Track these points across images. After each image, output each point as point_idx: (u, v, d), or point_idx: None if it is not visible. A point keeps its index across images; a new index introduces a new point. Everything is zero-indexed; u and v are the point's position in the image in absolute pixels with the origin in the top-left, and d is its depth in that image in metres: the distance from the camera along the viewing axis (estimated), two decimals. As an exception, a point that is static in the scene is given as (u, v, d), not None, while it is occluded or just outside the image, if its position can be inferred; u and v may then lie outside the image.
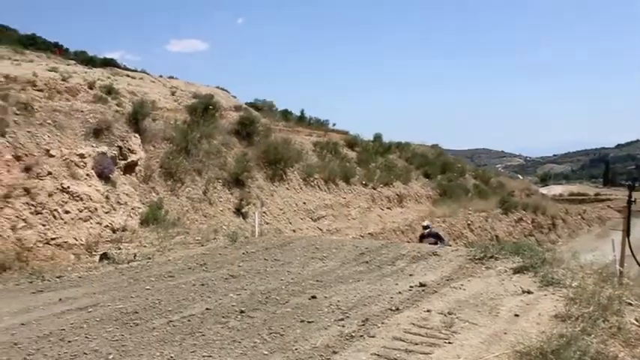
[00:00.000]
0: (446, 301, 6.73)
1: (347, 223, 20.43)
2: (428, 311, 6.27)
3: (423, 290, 7.29)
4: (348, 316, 6.19)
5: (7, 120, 12.80)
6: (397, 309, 6.39)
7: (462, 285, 7.51)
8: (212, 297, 7.22)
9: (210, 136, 17.59)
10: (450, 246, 13.60)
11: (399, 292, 7.22)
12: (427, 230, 14.81)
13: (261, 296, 7.18)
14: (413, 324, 5.80)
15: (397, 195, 26.25)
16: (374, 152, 29.04)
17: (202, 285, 7.91)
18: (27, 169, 12.24)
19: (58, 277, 9.88)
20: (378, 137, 31.88)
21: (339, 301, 6.87)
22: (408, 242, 17.58)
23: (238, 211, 15.80)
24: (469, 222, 26.63)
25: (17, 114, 13.37)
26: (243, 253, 10.43)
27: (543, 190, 61.31)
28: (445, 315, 6.07)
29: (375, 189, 24.79)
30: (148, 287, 7.98)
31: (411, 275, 8.31)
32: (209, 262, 9.70)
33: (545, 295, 6.78)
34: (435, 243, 13.84)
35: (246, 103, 34.38)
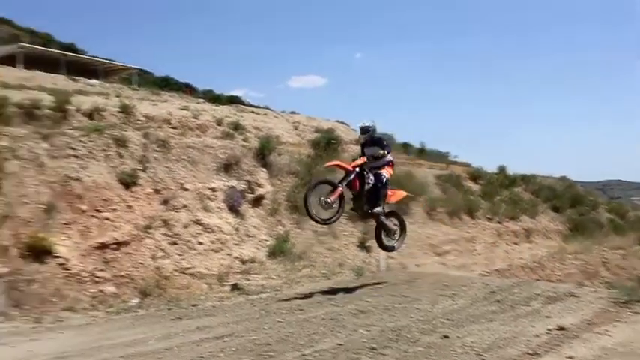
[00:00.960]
0: (590, 347, 6.28)
1: (472, 259, 19.80)
2: (570, 358, 5.89)
3: (562, 334, 6.85)
4: (483, 359, 5.95)
5: (148, 156, 13.78)
6: (536, 353, 6.05)
7: (606, 330, 6.97)
8: (342, 332, 7.21)
9: (333, 170, 17.80)
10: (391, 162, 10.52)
11: (536, 335, 6.83)
12: (367, 135, 10.52)
13: (391, 333, 7.07)
14: (556, 371, 5.46)
15: (524, 230, 25.13)
16: (498, 185, 28.12)
17: (332, 319, 7.92)
18: (165, 202, 13.07)
19: (193, 306, 10.39)
20: (502, 170, 30.89)
21: (472, 341, 6.61)
22: (538, 279, 16.71)
23: (362, 245, 15.81)
24: (604, 259, 24.89)
25: (156, 150, 14.35)
26: (370, 288, 10.39)
27: (689, 226, 56.08)
28: (591, 363, 5.66)
29: (500, 223, 23.92)
30: (279, 319, 8.12)
31: (547, 317, 7.84)
32: (337, 296, 9.74)
33: None
34: (380, 156, 10.42)
35: (366, 136, 34.56)
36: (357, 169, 10.02)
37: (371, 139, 10.51)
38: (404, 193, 11.57)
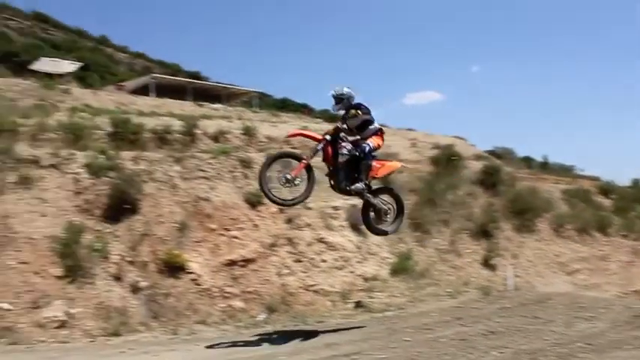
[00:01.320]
0: None
1: (606, 279, 18.55)
2: None
3: None
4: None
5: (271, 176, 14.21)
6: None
7: None
8: (473, 353, 7.01)
9: (455, 187, 17.51)
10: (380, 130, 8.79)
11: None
12: (342, 104, 8.67)
13: (526, 357, 6.79)
14: None
15: (665, 248, 23.22)
16: (633, 200, 26.25)
17: (461, 340, 7.74)
18: (289, 221, 13.40)
19: (318, 322, 10.54)
20: (636, 183, 28.84)
21: (617, 369, 6.21)
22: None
23: (486, 263, 15.35)
24: None
25: (279, 171, 14.74)
26: (499, 308, 10.06)
27: None
28: None
29: (637, 240, 22.27)
30: (406, 338, 8.06)
31: None
32: (464, 316, 9.51)
33: None
34: (365, 124, 8.71)
35: (484, 151, 33.69)
36: (328, 137, 8.45)
37: (349, 108, 8.70)
38: (397, 165, 9.52)
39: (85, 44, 57.42)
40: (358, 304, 11.83)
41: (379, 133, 8.83)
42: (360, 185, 8.58)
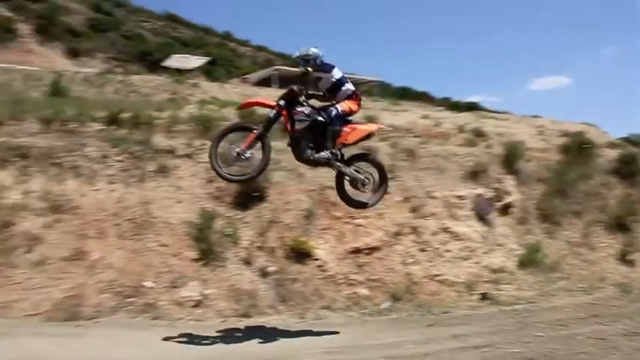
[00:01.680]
0: None
1: None
2: None
3: None
4: None
5: (396, 165, 14.17)
6: None
7: None
8: (615, 355, 6.64)
9: (587, 177, 16.55)
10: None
11: None
12: (310, 65, 8.05)
13: (682, 363, 6.32)
14: None
15: None
16: None
17: (600, 339, 7.35)
18: (413, 210, 13.32)
19: (444, 313, 10.45)
20: None
21: None
22: None
23: (623, 258, 14.36)
24: None
25: (403, 159, 14.71)
26: (642, 307, 9.44)
27: None
28: None
29: None
30: (539, 334, 7.80)
31: None
32: (602, 314, 9.02)
33: None
34: (337, 87, 8.14)
35: (618, 139, 31.51)
36: (282, 103, 7.80)
37: (319, 70, 8.10)
38: (371, 127, 8.60)
39: (211, 40, 60.25)
40: (484, 296, 11.54)
41: (354, 96, 8.17)
42: (324, 154, 7.91)
